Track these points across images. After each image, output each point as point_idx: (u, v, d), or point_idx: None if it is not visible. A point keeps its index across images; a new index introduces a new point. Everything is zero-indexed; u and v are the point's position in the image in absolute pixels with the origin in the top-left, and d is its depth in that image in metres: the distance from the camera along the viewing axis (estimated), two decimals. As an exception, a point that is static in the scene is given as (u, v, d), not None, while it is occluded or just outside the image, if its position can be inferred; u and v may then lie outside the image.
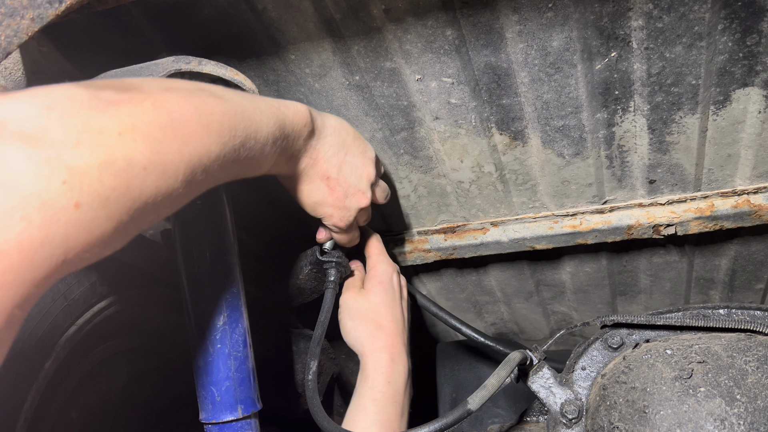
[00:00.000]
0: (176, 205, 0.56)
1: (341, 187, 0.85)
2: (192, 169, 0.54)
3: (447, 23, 0.82)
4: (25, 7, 0.58)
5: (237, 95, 0.65)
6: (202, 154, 0.56)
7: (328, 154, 0.82)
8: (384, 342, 0.93)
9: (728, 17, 0.78)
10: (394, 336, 0.94)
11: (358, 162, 0.87)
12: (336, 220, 0.88)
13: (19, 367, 0.78)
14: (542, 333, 1.58)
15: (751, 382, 0.67)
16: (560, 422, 0.77)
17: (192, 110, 0.55)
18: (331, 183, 0.84)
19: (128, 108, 0.49)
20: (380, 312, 0.96)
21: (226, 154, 0.60)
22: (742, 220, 1.04)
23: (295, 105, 0.75)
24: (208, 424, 0.79)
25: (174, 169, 0.52)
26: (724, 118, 0.92)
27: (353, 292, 1.00)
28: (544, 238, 1.15)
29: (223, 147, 0.59)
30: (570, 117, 0.94)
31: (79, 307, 0.88)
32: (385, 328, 0.95)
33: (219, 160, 0.59)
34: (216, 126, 0.58)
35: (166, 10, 0.85)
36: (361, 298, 0.99)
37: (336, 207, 0.87)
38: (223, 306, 0.79)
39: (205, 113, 0.57)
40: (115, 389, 1.04)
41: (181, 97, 0.56)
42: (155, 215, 0.53)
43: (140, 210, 0.49)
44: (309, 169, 0.81)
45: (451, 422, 0.72)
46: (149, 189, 0.49)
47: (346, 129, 0.86)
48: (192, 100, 0.57)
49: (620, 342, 0.80)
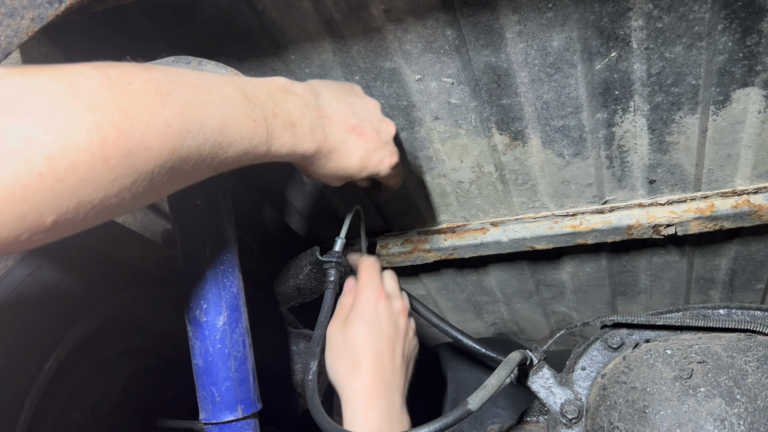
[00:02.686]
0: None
1: (368, 127, 0.76)
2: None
3: (447, 23, 0.82)
4: (25, 7, 0.58)
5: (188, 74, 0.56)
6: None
7: (334, 105, 0.74)
8: (360, 384, 0.82)
9: (728, 17, 0.78)
10: (374, 376, 0.82)
11: (358, 99, 0.79)
12: (389, 161, 0.79)
13: (19, 367, 0.78)
14: (542, 333, 1.58)
15: (751, 382, 0.67)
16: (560, 422, 0.77)
17: (103, 79, 0.48)
18: (357, 129, 0.75)
19: (13, 79, 0.43)
20: (359, 348, 0.84)
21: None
22: (742, 220, 1.04)
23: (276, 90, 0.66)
24: (208, 424, 0.79)
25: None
26: (724, 118, 0.92)
27: (337, 324, 0.89)
28: (544, 238, 1.15)
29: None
30: (570, 117, 0.94)
31: (79, 307, 0.88)
32: (363, 368, 0.83)
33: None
34: (139, 95, 0.49)
35: (166, 10, 0.85)
36: (341, 331, 0.87)
37: (378, 149, 0.77)
38: (223, 306, 0.79)
39: (122, 82, 0.49)
40: (115, 389, 1.04)
41: (92, 68, 0.48)
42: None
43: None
44: (330, 130, 0.71)
45: (451, 422, 0.72)
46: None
47: (320, 80, 0.78)
48: (107, 70, 0.49)
49: (620, 342, 0.80)
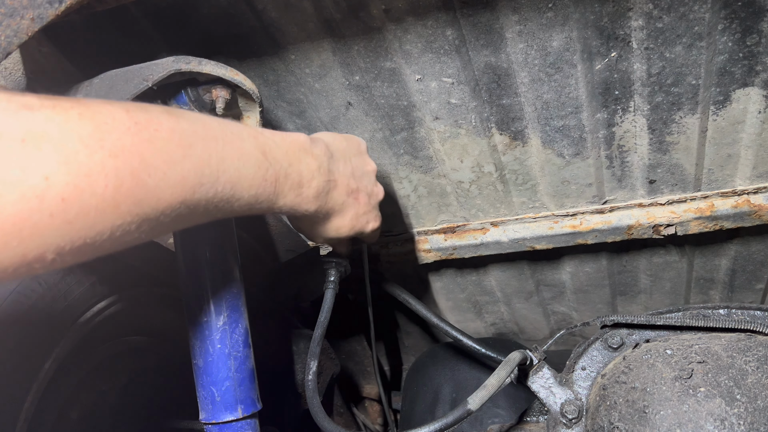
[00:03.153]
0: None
1: (363, 192, 0.81)
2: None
3: (447, 23, 0.82)
4: (25, 7, 0.58)
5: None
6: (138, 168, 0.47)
7: (341, 168, 0.77)
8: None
9: (728, 17, 0.78)
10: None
11: (360, 161, 0.83)
12: (373, 224, 0.85)
13: (19, 367, 0.78)
14: (542, 333, 1.58)
15: (751, 382, 0.67)
16: (560, 422, 0.77)
17: (131, 123, 0.48)
18: (355, 193, 0.79)
19: (45, 113, 0.43)
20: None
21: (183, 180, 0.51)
22: (742, 220, 1.04)
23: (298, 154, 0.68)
24: (208, 424, 0.79)
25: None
26: (724, 118, 0.92)
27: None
28: (544, 238, 1.15)
29: (174, 166, 0.50)
30: (570, 117, 0.94)
31: (79, 307, 0.88)
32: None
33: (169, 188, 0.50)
34: (162, 144, 0.50)
35: (166, 10, 0.85)
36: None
37: (366, 213, 0.82)
38: (223, 306, 0.78)
39: (149, 129, 0.49)
40: (115, 389, 1.04)
41: (122, 111, 0.48)
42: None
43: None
44: (333, 194, 0.75)
45: (451, 422, 0.72)
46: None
47: (333, 134, 0.81)
48: (136, 114, 0.49)
49: (620, 342, 0.80)
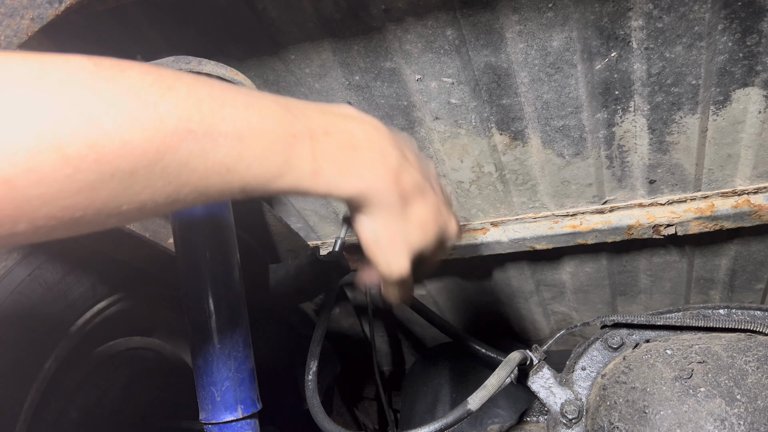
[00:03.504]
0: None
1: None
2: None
3: (447, 23, 0.82)
4: (25, 7, 0.58)
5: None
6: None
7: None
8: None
9: (728, 17, 0.78)
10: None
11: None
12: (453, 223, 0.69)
13: (19, 367, 0.78)
14: (542, 333, 1.58)
15: (751, 382, 0.67)
16: (560, 422, 0.77)
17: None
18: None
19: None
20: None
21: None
22: (742, 220, 1.04)
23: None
24: (207, 424, 0.79)
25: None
26: (724, 118, 0.92)
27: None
28: (544, 238, 1.15)
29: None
30: (570, 117, 0.94)
31: (79, 307, 0.88)
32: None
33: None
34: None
35: (166, 10, 0.85)
36: None
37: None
38: (223, 306, 0.78)
39: (112, 69, 0.38)
40: (115, 389, 1.04)
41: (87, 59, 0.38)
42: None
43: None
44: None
45: (451, 422, 0.72)
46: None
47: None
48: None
49: (620, 342, 0.80)
